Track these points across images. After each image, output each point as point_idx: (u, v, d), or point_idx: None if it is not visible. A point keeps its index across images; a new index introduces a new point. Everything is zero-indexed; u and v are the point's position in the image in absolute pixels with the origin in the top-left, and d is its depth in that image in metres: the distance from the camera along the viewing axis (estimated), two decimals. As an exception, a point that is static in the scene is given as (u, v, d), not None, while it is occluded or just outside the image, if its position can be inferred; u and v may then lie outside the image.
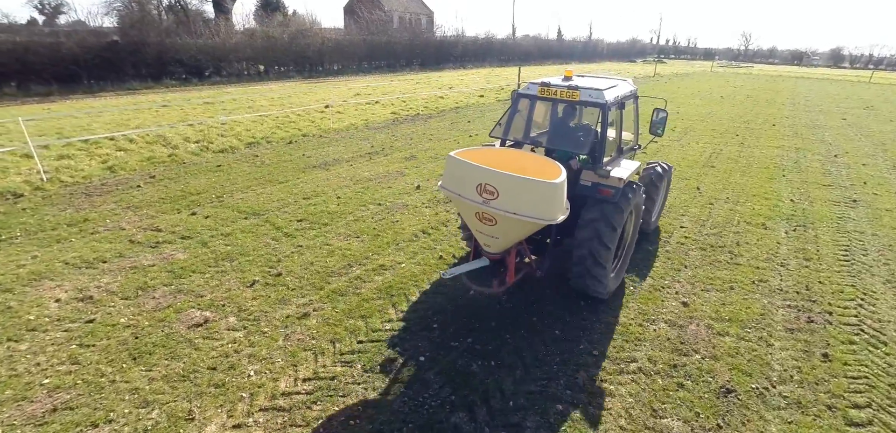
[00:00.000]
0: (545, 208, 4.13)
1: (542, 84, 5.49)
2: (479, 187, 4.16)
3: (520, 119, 5.98)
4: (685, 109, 21.93)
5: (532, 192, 4.05)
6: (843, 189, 10.56)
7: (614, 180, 5.07)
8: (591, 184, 5.17)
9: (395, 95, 22.82)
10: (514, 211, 4.05)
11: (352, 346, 4.82)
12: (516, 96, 5.76)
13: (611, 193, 5.04)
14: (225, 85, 27.08)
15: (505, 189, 4.05)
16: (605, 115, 5.19)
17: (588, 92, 5.21)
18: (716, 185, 10.55)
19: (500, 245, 4.62)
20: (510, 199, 4.05)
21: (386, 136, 14.45)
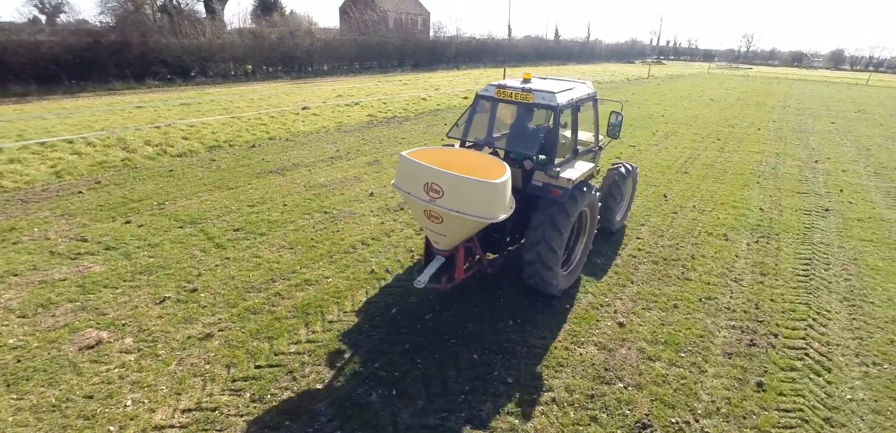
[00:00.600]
0: (486, 207, 4.30)
1: (498, 86, 5.60)
2: (427, 186, 4.32)
3: (482, 120, 6.12)
4: (671, 112, 21.53)
5: (473, 191, 4.23)
6: (817, 197, 10.17)
7: (563, 181, 5.13)
8: (542, 184, 5.25)
9: (378, 97, 22.49)
10: (457, 209, 4.23)
11: (247, 372, 4.47)
12: (477, 98, 5.86)
13: (559, 194, 5.12)
14: (209, 86, 26.78)
15: (449, 188, 4.22)
16: (557, 117, 5.28)
17: (541, 94, 5.30)
18: (685, 192, 10.17)
19: (449, 242, 4.82)
20: (454, 198, 4.23)
21: (355, 139, 14.11)
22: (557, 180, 5.15)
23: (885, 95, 34.42)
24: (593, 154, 6.72)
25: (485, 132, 6.14)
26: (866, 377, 4.70)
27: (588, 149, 6.50)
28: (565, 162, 5.57)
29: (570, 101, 5.56)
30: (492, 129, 6.18)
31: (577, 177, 5.27)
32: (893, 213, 9.34)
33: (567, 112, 5.64)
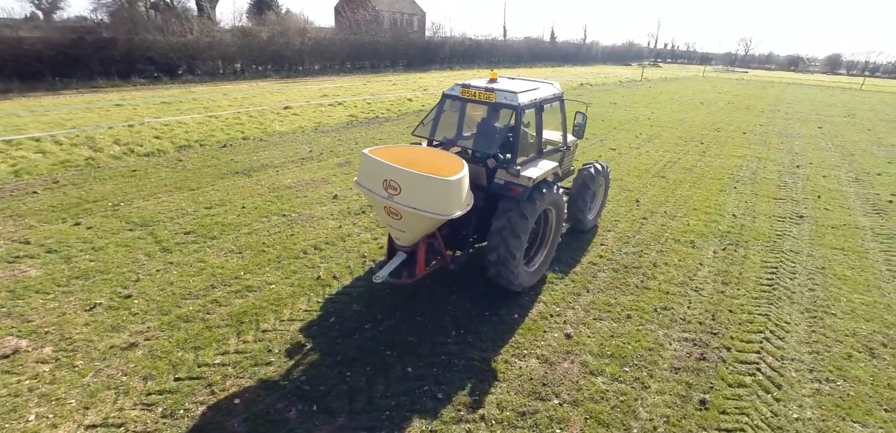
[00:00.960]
0: (441, 203, 4.39)
1: (463, 86, 5.68)
2: (385, 183, 4.47)
3: (452, 119, 6.26)
4: (658, 115, 21.35)
5: (428, 188, 4.35)
6: (794, 203, 9.98)
7: (524, 179, 5.19)
8: (504, 183, 5.31)
9: (364, 97, 22.27)
10: (413, 205, 4.36)
11: (164, 385, 4.24)
12: (443, 97, 5.91)
13: (520, 192, 5.18)
14: (196, 84, 26.52)
15: (406, 185, 4.36)
16: (518, 117, 5.32)
17: (503, 94, 5.38)
18: (658, 197, 9.97)
19: (409, 238, 4.95)
20: (410, 195, 4.37)
21: (331, 139, 13.89)
22: (518, 178, 5.19)
23: (876, 100, 34.31)
24: (562, 154, 6.81)
25: (454, 131, 6.26)
26: (817, 394, 4.50)
27: (555, 148, 6.60)
28: (528, 161, 5.62)
29: (532, 100, 5.60)
30: (461, 128, 6.31)
31: (538, 175, 5.31)
32: (868, 220, 9.15)
33: (530, 112, 5.66)
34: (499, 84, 5.70)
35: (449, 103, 6.00)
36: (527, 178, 5.20)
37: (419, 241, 5.02)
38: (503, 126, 5.97)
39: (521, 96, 5.38)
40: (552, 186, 5.74)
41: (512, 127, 5.57)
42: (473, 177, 5.37)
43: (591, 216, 7.81)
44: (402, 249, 5.20)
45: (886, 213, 9.58)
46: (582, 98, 25.97)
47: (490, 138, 5.76)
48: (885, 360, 5.03)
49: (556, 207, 6.01)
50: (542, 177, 5.46)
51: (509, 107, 5.36)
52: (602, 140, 15.37)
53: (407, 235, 4.90)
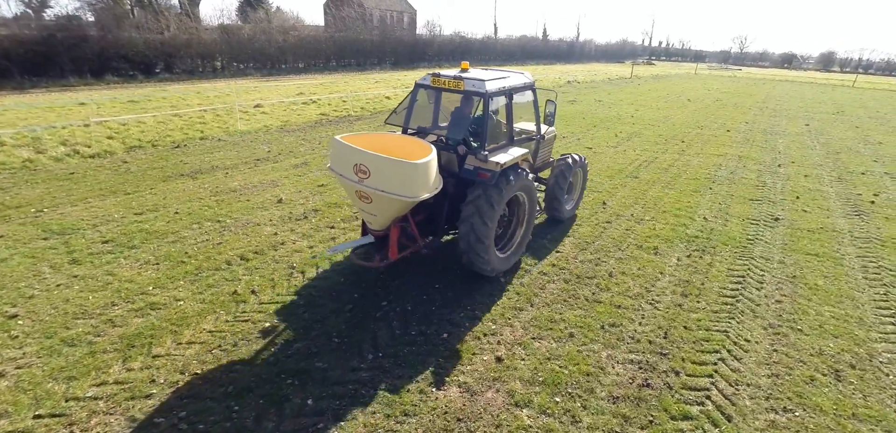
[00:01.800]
0: (409, 186, 4.57)
1: (434, 75, 5.83)
2: (356, 167, 4.62)
3: (426, 109, 6.48)
4: (642, 114, 20.83)
5: (396, 171, 4.52)
6: (770, 204, 9.46)
7: (491, 164, 5.32)
8: (473, 168, 5.44)
9: (342, 95, 21.68)
10: (382, 189, 4.52)
11: (18, 424, 3.67)
12: (416, 86, 6.04)
13: (488, 176, 5.30)
14: (172, 82, 25.87)
15: (375, 169, 4.52)
16: (487, 104, 5.46)
17: (471, 82, 5.53)
18: (627, 199, 9.44)
19: (380, 221, 5.08)
20: (379, 178, 4.53)
21: (294, 139, 13.30)
22: (486, 164, 5.31)
23: (867, 97, 33.94)
24: (535, 142, 6.96)
25: (430, 120, 6.50)
26: (772, 427, 3.96)
27: (528, 137, 6.76)
28: (498, 147, 5.76)
29: (501, 88, 5.73)
30: (436, 117, 6.54)
31: (507, 160, 5.43)
32: (848, 222, 8.65)
33: (498, 100, 5.81)
34: (469, 73, 5.81)
35: (424, 93, 6.19)
36: (495, 162, 5.31)
37: (391, 225, 5.14)
38: (468, 114, 6.06)
39: (488, 84, 5.51)
40: (521, 172, 5.79)
41: (480, 114, 5.77)
42: (446, 163, 5.64)
43: (569, 207, 8.00)
44: (374, 233, 5.34)
45: (867, 214, 9.08)
46: (566, 95, 25.44)
47: (460, 125, 5.87)
48: (851, 384, 4.50)
49: (527, 193, 6.06)
50: (511, 162, 5.56)
51: (477, 94, 5.51)
52: (579, 138, 14.84)
53: (378, 219, 5.01)
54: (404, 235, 5.51)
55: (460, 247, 5.57)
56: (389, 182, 4.53)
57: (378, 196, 4.61)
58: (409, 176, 4.55)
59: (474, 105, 6.10)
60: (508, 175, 5.51)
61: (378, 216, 5.00)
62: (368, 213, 5.04)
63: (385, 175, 4.53)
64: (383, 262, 5.28)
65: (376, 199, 4.69)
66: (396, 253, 5.30)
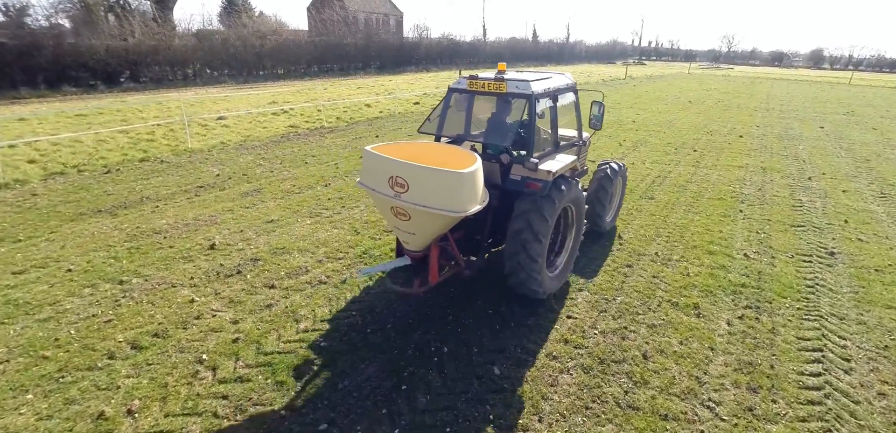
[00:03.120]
0: (454, 199, 3.98)
1: (470, 77, 5.31)
2: (391, 180, 4.05)
3: (459, 115, 5.88)
4: (644, 117, 19.26)
5: (440, 182, 3.93)
6: (817, 231, 7.83)
7: (543, 174, 4.83)
8: (521, 178, 4.95)
9: (317, 103, 19.86)
10: (423, 203, 3.93)
11: None
12: (449, 91, 5.51)
13: (539, 187, 4.81)
14: (137, 92, 23.88)
15: (414, 181, 3.94)
16: (532, 107, 4.93)
17: (515, 83, 5.04)
18: (646, 227, 7.76)
19: (419, 241, 4.47)
20: (420, 192, 3.94)
21: (253, 158, 11.49)
22: (536, 173, 4.84)
23: (870, 95, 32.78)
24: (577, 148, 6.25)
25: (462, 127, 5.89)
26: None
27: (570, 142, 6.12)
28: (545, 155, 5.22)
29: (546, 90, 5.24)
30: (469, 124, 5.97)
31: (558, 169, 4.96)
32: (919, 255, 7.03)
33: (544, 102, 5.22)
34: (509, 74, 5.26)
35: (456, 98, 5.62)
36: (546, 171, 4.81)
37: (431, 245, 4.54)
38: (511, 119, 5.45)
39: (534, 85, 5.04)
40: (571, 182, 5.29)
41: (525, 119, 5.11)
42: (487, 174, 4.90)
43: (609, 218, 7.47)
44: (411, 255, 4.70)
45: (935, 242, 7.48)
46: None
47: (502, 132, 5.34)
48: None
49: (576, 205, 5.55)
50: (563, 170, 5.11)
51: (522, 96, 4.98)
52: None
53: (417, 238, 4.43)
54: (443, 255, 4.88)
55: (508, 267, 5.03)
56: (432, 195, 3.94)
57: (418, 212, 4.02)
58: (455, 187, 3.97)
59: (519, 109, 5.30)
60: (560, 185, 4.99)
61: (417, 235, 4.38)
62: (406, 231, 4.41)
63: (426, 187, 3.94)
64: (423, 288, 4.67)
65: (416, 216, 4.10)
66: (437, 276, 4.69)
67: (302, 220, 7.76)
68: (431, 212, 3.94)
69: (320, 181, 9.79)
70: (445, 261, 4.98)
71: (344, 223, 7.67)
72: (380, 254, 6.57)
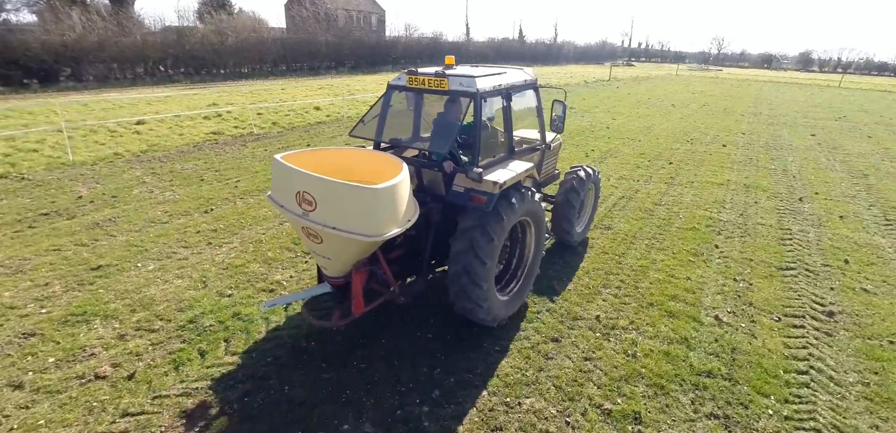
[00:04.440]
0: (369, 221, 3.39)
1: (409, 73, 4.60)
2: (298, 196, 3.41)
3: (402, 117, 5.29)
4: (620, 123, 17.56)
5: (350, 199, 3.32)
6: (811, 278, 6.11)
7: (488, 185, 4.14)
8: (464, 190, 4.26)
9: (267, 104, 17.95)
10: (332, 224, 3.33)
11: None
12: (389, 88, 4.83)
13: (484, 201, 4.12)
14: (74, 92, 21.78)
15: (322, 197, 3.33)
16: (478, 108, 4.23)
17: (458, 80, 4.34)
18: (595, 273, 6.00)
19: (336, 267, 3.86)
20: (328, 211, 3.34)
21: (142, 173, 9.61)
22: (481, 184, 4.16)
23: (862, 99, 31.42)
24: (540, 154, 5.79)
25: (408, 131, 5.28)
26: None
27: (531, 146, 5.58)
28: (496, 162, 4.61)
29: (496, 87, 4.53)
30: (417, 126, 5.33)
31: (507, 179, 4.26)
32: (944, 316, 5.31)
33: (493, 101, 4.64)
34: (454, 70, 4.64)
35: (400, 98, 5.08)
36: (491, 182, 4.14)
37: (353, 270, 3.85)
38: (456, 121, 4.59)
39: (480, 82, 4.33)
40: (526, 193, 4.54)
41: (470, 121, 4.45)
42: (429, 184, 4.60)
43: (580, 229, 6.72)
44: (330, 281, 4.01)
45: (962, 294, 5.78)
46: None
47: (445, 135, 4.59)
48: None
49: (533, 218, 4.83)
50: (513, 181, 4.37)
51: (466, 94, 4.30)
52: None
53: (333, 263, 3.80)
54: (374, 278, 4.24)
55: (451, 291, 4.46)
56: (342, 215, 3.30)
57: (329, 235, 3.37)
58: (368, 205, 3.35)
59: (463, 109, 4.51)
60: (510, 197, 4.33)
61: (333, 259, 3.76)
62: (321, 255, 3.79)
63: (335, 205, 3.30)
64: (345, 321, 4.06)
65: (328, 239, 3.46)
66: (362, 306, 4.01)
67: (143, 265, 5.91)
68: (343, 236, 3.36)
69: (203, 205, 7.94)
70: (377, 284, 4.28)
71: (195, 269, 5.83)
72: (212, 325, 4.74)
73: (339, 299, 4.17)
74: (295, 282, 5.66)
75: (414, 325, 4.82)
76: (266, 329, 4.70)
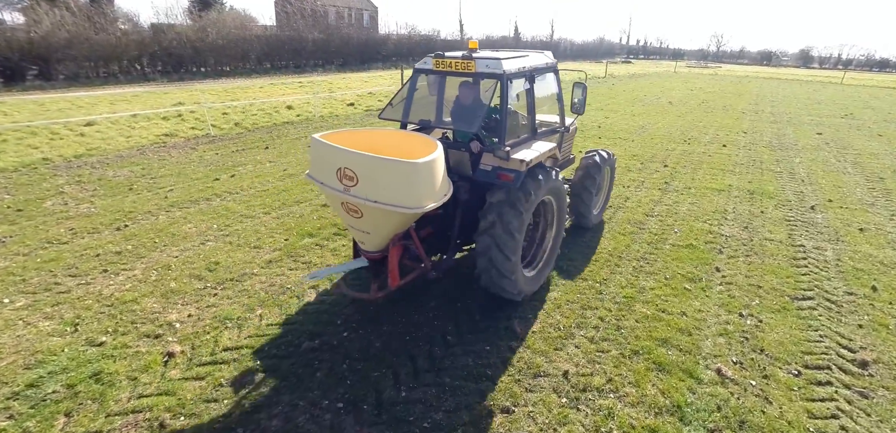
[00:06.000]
0: (409, 194, 3.52)
1: (436, 56, 4.74)
2: (339, 172, 3.57)
3: (427, 99, 5.30)
4: (613, 122, 16.43)
5: (391, 174, 3.46)
6: (833, 312, 4.99)
7: (515, 163, 4.29)
8: (491, 168, 4.39)
9: (235, 104, 16.79)
10: (374, 198, 3.48)
11: None
12: (415, 72, 5.00)
13: (511, 178, 4.27)
14: (39, 91, 20.56)
15: (363, 173, 3.47)
16: (505, 89, 4.35)
17: (485, 62, 4.43)
18: (570, 308, 4.88)
19: (375, 241, 4.00)
20: (370, 185, 3.48)
21: (65, 181, 8.47)
22: (509, 162, 4.30)
23: (865, 95, 30.31)
24: (559, 134, 5.70)
25: (433, 112, 5.28)
26: None
27: (551, 129, 5.51)
28: (520, 142, 4.72)
29: (520, 69, 4.63)
30: (441, 109, 5.31)
31: (534, 158, 4.43)
32: None
33: (518, 83, 4.68)
34: (480, 53, 4.74)
35: (423, 80, 5.12)
36: (519, 161, 4.29)
37: (389, 245, 4.02)
38: (482, 102, 4.74)
39: (506, 64, 4.40)
40: (550, 172, 4.72)
41: (496, 103, 4.63)
42: (456, 165, 4.65)
43: (596, 211, 6.89)
44: (368, 256, 4.17)
45: None
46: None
47: (471, 117, 4.70)
48: None
49: (556, 197, 5.01)
50: (538, 159, 4.56)
51: (493, 77, 4.40)
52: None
53: (372, 237, 3.94)
54: (407, 255, 4.38)
55: (479, 265, 4.53)
56: (383, 189, 3.44)
57: (370, 208, 3.52)
58: (409, 180, 3.47)
59: (489, 91, 4.60)
60: (536, 175, 4.46)
61: (372, 234, 3.89)
62: (360, 230, 3.91)
63: (377, 180, 3.44)
64: (382, 293, 4.18)
65: (368, 213, 3.60)
66: (397, 279, 4.13)
67: (11, 300, 4.80)
68: (383, 208, 3.47)
69: (119, 220, 6.82)
70: (409, 261, 4.46)
71: (73, 306, 4.71)
72: (56, 392, 3.61)
73: (375, 273, 4.23)
74: (193, 322, 4.53)
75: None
76: (131, 391, 3.57)
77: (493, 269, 4.41)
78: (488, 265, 4.43)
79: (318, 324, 4.51)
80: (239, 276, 5.38)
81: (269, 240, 6.34)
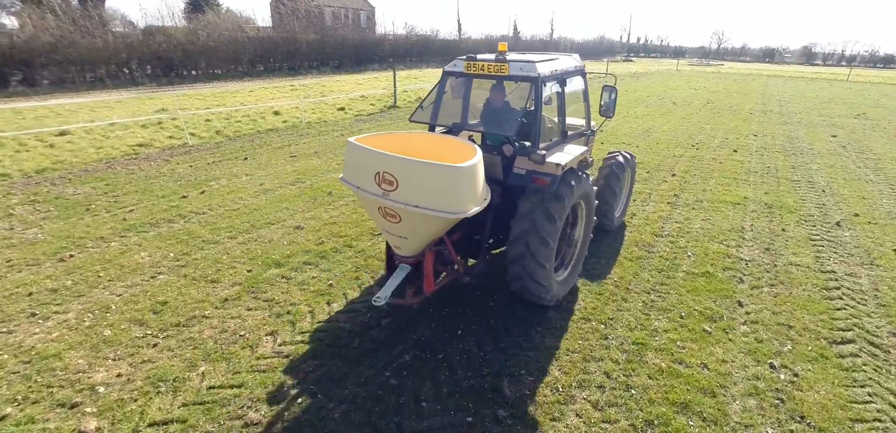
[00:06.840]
0: (452, 199, 3.47)
1: (468, 59, 4.64)
2: (378, 177, 3.54)
3: (456, 102, 5.22)
4: (614, 125, 15.67)
5: (434, 178, 3.41)
6: (881, 361, 4.26)
7: (551, 166, 4.23)
8: (526, 172, 4.34)
9: (221, 109, 16.07)
10: (415, 203, 3.44)
11: None
12: (444, 74, 4.91)
13: (547, 182, 4.22)
14: (22, 98, 19.89)
15: (404, 177, 3.44)
16: (538, 92, 4.29)
17: (519, 65, 4.39)
18: (568, 358, 4.12)
19: (411, 246, 3.98)
20: (411, 190, 3.45)
21: (21, 198, 7.79)
22: (544, 166, 4.24)
23: (874, 93, 29.48)
24: (586, 137, 5.59)
25: (459, 116, 5.18)
26: None
27: (579, 132, 5.46)
28: (552, 145, 4.68)
29: (553, 72, 4.57)
30: (467, 111, 5.26)
31: (568, 161, 4.38)
32: None
33: (550, 86, 4.60)
34: (512, 55, 4.70)
35: (451, 83, 5.05)
36: (555, 164, 4.21)
37: (425, 250, 4.02)
38: (513, 106, 4.84)
39: (540, 66, 4.35)
40: (581, 176, 4.70)
41: (530, 106, 4.54)
42: (487, 168, 4.27)
43: (618, 214, 6.74)
44: (403, 261, 4.19)
45: None
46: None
47: (504, 120, 4.76)
48: None
49: (586, 201, 5.04)
50: (572, 163, 4.52)
51: (527, 79, 4.33)
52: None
53: (409, 243, 3.91)
54: (440, 260, 4.30)
55: (512, 272, 4.51)
56: (424, 193, 3.39)
57: (409, 213, 3.48)
58: (452, 184, 3.41)
59: (522, 94, 4.72)
60: (569, 180, 4.40)
61: (409, 239, 3.84)
62: (396, 235, 3.85)
63: (418, 184, 3.40)
64: (418, 299, 4.21)
65: (407, 218, 3.57)
66: (432, 284, 4.15)
67: None
68: (425, 213, 3.42)
69: (65, 249, 6.10)
70: (442, 266, 4.40)
71: (-21, 365, 3.95)
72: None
73: (409, 279, 4.19)
74: (121, 385, 3.80)
75: None
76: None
77: (527, 277, 4.38)
78: (522, 272, 4.39)
79: (269, 386, 3.78)
80: (187, 320, 4.65)
81: (229, 271, 5.61)
